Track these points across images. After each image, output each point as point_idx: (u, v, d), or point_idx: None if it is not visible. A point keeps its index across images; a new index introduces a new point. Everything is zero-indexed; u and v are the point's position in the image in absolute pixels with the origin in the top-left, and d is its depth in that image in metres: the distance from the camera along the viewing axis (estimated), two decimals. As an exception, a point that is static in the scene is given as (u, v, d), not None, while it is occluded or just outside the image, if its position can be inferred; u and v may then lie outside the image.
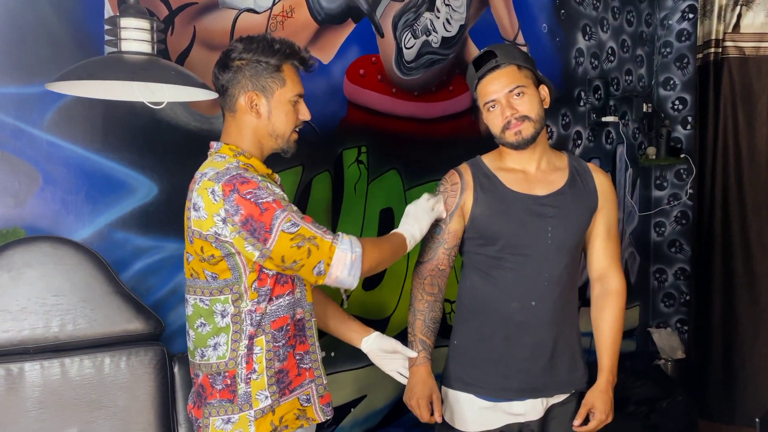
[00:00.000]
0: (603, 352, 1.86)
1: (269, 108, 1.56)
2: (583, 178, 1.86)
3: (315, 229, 1.49)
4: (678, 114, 4.07)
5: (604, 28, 3.64)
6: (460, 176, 1.83)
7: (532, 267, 1.77)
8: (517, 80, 1.74)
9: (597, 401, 1.81)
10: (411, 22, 2.63)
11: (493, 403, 1.80)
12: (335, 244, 1.49)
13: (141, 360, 1.70)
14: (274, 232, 1.43)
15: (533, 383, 1.80)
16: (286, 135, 1.59)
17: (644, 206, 4.11)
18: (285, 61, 1.56)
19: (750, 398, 3.58)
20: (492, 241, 1.79)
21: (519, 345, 1.79)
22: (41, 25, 1.72)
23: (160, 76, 1.50)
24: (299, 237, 1.45)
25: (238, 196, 1.43)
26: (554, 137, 3.35)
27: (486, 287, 1.81)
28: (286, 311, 1.55)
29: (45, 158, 1.74)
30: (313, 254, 1.46)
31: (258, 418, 1.52)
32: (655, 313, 4.23)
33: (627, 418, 2.89)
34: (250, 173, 1.48)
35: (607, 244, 1.88)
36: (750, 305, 3.72)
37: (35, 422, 1.57)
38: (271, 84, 1.55)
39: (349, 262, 1.49)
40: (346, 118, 2.44)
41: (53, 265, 1.64)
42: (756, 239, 3.71)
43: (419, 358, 1.77)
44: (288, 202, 1.50)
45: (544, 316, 1.78)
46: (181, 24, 1.98)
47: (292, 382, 1.57)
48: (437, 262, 1.82)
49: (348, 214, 2.48)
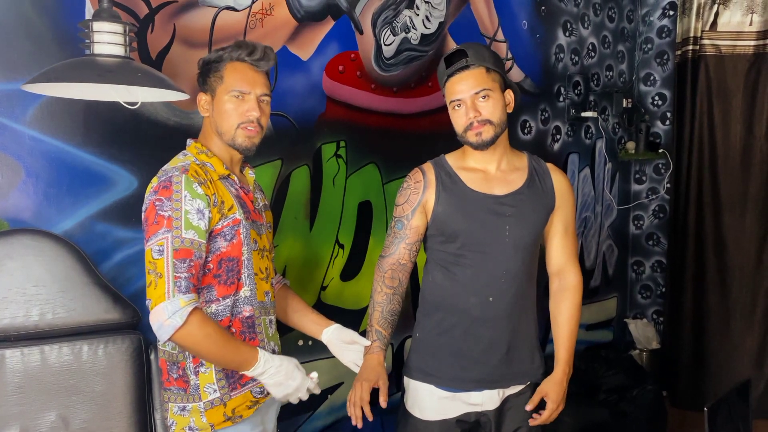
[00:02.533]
0: (560, 344, 1.92)
1: (212, 106, 1.64)
2: (542, 178, 1.91)
3: (170, 270, 1.47)
4: (657, 110, 4.14)
5: (585, 25, 3.69)
6: (423, 174, 1.88)
7: (490, 264, 1.83)
8: (484, 83, 1.78)
9: (551, 391, 1.87)
10: (390, 20, 2.68)
11: (451, 393, 1.87)
12: (167, 297, 1.46)
13: (118, 348, 1.76)
14: (148, 244, 1.50)
15: (490, 375, 1.86)
16: (231, 132, 1.62)
17: (623, 200, 4.19)
18: (228, 60, 1.62)
19: (718, 387, 3.68)
20: (452, 239, 1.84)
21: (477, 338, 1.85)
22: (23, 24, 1.77)
23: (132, 79, 1.56)
24: (153, 265, 1.48)
25: (153, 198, 1.52)
26: (533, 132, 3.41)
27: (446, 283, 1.86)
28: (228, 311, 1.60)
29: (27, 152, 1.80)
30: (151, 288, 1.48)
31: (208, 410, 1.58)
32: (633, 305, 4.32)
33: (597, 406, 2.98)
34: (180, 178, 1.51)
35: (564, 242, 1.94)
36: (721, 297, 3.81)
37: (16, 406, 1.64)
38: (213, 83, 1.63)
39: (161, 322, 1.46)
40: (325, 113, 2.50)
41: (33, 257, 1.70)
42: (728, 233, 3.79)
43: (373, 347, 1.80)
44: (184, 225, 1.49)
45: (502, 310, 1.84)
46: (161, 22, 2.03)
47: (243, 376, 1.62)
48: (398, 257, 1.86)
49: (326, 208, 2.54)
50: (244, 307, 1.63)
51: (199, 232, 1.51)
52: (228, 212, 1.58)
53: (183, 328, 1.46)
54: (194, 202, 1.51)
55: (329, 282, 2.58)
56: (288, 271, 2.43)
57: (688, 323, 3.88)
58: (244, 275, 1.62)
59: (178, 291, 1.47)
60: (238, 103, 1.61)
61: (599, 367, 3.29)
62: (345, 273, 2.64)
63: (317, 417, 2.57)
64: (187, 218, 1.50)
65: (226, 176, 1.63)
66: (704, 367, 3.83)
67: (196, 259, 1.51)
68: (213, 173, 1.60)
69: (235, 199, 1.61)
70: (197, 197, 1.51)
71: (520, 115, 3.33)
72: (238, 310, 1.63)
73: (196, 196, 1.51)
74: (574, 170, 3.73)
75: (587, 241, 3.88)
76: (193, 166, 1.56)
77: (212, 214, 1.54)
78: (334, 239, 2.59)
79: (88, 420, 1.71)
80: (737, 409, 1.93)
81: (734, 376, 3.63)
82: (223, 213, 1.57)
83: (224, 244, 1.58)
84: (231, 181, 1.64)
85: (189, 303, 1.48)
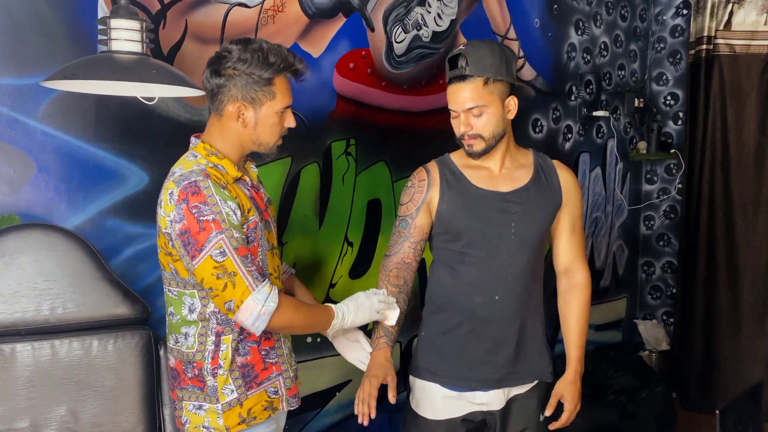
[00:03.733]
0: (570, 344, 1.91)
1: (256, 119, 1.58)
2: (548, 175, 1.90)
3: (241, 266, 1.47)
4: (669, 109, 4.11)
5: (597, 23, 3.67)
6: (427, 173, 1.88)
7: (496, 262, 1.82)
8: (479, 99, 1.75)
9: (566, 392, 1.86)
10: (402, 17, 2.67)
11: (457, 393, 1.86)
12: (251, 289, 1.47)
13: (128, 343, 1.77)
14: (203, 253, 1.46)
15: (496, 374, 1.86)
16: (270, 144, 1.63)
17: (634, 200, 4.17)
18: (278, 75, 1.56)
19: (728, 390, 3.66)
20: (457, 237, 1.83)
21: (483, 337, 1.84)
22: (37, 20, 1.77)
23: (149, 76, 1.56)
24: (222, 268, 1.46)
25: (186, 207, 1.47)
26: (544, 131, 3.40)
27: (452, 281, 1.86)
28: None
29: (39, 148, 1.81)
30: (228, 290, 1.47)
31: (225, 411, 1.58)
32: (642, 305, 4.30)
33: (605, 407, 2.97)
34: (207, 182, 1.49)
35: (572, 239, 1.93)
36: (732, 299, 3.79)
37: (26, 400, 1.65)
38: (261, 97, 1.56)
39: (256, 313, 1.47)
40: (335, 110, 2.49)
41: (45, 252, 1.71)
42: (740, 235, 3.76)
43: (380, 344, 1.79)
44: (230, 225, 1.48)
45: (508, 309, 1.83)
46: (173, 18, 2.03)
47: (259, 375, 1.63)
48: (403, 256, 1.85)
49: (335, 205, 2.54)
50: None
51: (241, 231, 1.51)
52: (248, 215, 1.57)
53: (278, 312, 1.50)
54: (228, 204, 1.50)
55: (338, 280, 2.58)
56: (297, 269, 2.43)
57: (699, 325, 3.85)
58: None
59: (258, 280, 1.49)
60: (282, 117, 1.61)
61: (608, 367, 3.28)
62: (354, 271, 2.64)
63: (325, 414, 2.57)
64: (229, 219, 1.49)
65: (239, 178, 1.61)
66: (714, 369, 3.81)
67: (251, 255, 1.52)
68: (227, 176, 1.57)
69: (251, 201, 1.60)
70: (228, 199, 1.50)
71: (531, 114, 3.32)
72: None
73: (227, 198, 1.50)
74: (585, 170, 3.72)
75: (597, 241, 3.86)
76: (210, 171, 1.53)
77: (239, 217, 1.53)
78: (343, 237, 2.59)
79: (97, 414, 1.72)
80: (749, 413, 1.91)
81: (745, 379, 3.60)
82: (245, 216, 1.56)
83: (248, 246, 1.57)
84: (243, 183, 1.63)
85: (272, 287, 1.51)
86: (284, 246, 2.37)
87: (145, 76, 1.56)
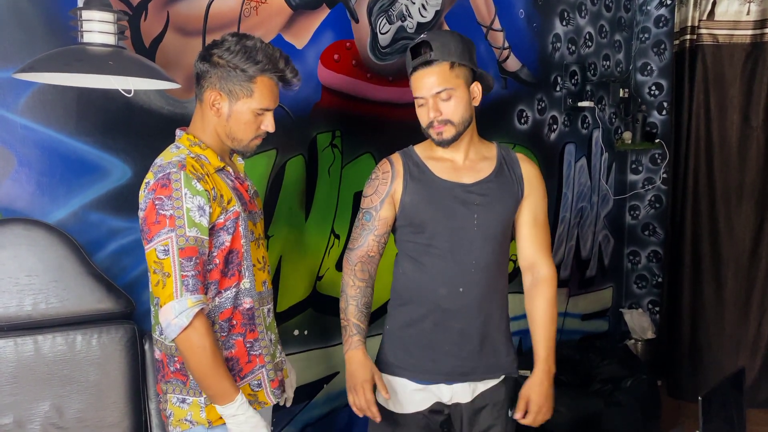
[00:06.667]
0: (537, 342, 1.87)
1: (230, 112, 1.59)
2: (511, 167, 1.89)
3: (177, 269, 1.46)
4: (654, 99, 4.13)
5: (582, 14, 3.67)
6: (391, 165, 1.87)
7: (459, 254, 1.81)
8: (446, 82, 1.74)
9: (532, 394, 1.82)
10: (386, 8, 2.66)
11: (423, 386, 1.85)
12: (175, 296, 1.46)
13: (112, 338, 1.76)
14: (150, 244, 1.48)
15: (461, 367, 1.84)
16: (244, 141, 1.63)
17: (620, 190, 4.19)
18: (261, 74, 1.57)
19: (713, 377, 3.70)
20: (421, 229, 1.82)
21: (447, 330, 1.83)
22: (14, 12, 1.75)
23: (122, 68, 1.54)
24: (160, 265, 1.47)
25: (152, 197, 1.49)
26: (530, 122, 3.40)
27: (416, 274, 1.84)
28: (231, 303, 1.60)
29: (19, 141, 1.79)
30: (159, 287, 1.48)
31: (208, 405, 1.58)
32: (628, 294, 4.33)
33: (591, 396, 2.99)
34: (179, 175, 1.49)
35: (534, 232, 1.91)
36: (716, 287, 3.82)
37: (9, 396, 1.64)
38: (238, 91, 1.57)
39: (169, 320, 1.46)
40: (320, 102, 2.48)
41: (26, 247, 1.70)
42: (724, 224, 3.80)
43: (354, 342, 1.78)
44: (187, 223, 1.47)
45: (472, 302, 1.82)
46: (155, 10, 2.01)
47: (243, 369, 1.63)
48: (367, 249, 1.85)
49: (321, 198, 2.53)
50: (245, 299, 1.63)
51: (202, 229, 1.50)
52: (228, 205, 1.57)
53: (186, 331, 1.46)
54: (195, 199, 1.49)
55: (325, 272, 2.58)
56: (283, 262, 2.42)
57: (684, 313, 3.89)
58: (243, 267, 1.62)
59: (186, 290, 1.47)
60: (260, 118, 1.61)
61: (594, 357, 3.30)
62: (341, 263, 2.63)
63: (313, 406, 2.57)
64: (189, 216, 1.48)
65: (222, 168, 1.61)
66: (699, 357, 3.85)
67: (201, 256, 1.50)
68: (209, 166, 1.57)
69: (233, 192, 1.60)
70: (197, 194, 1.50)
71: (516, 105, 3.32)
72: (239, 302, 1.62)
73: (196, 193, 1.49)
74: (570, 160, 3.73)
75: (583, 232, 3.88)
76: (189, 161, 1.53)
77: (213, 209, 1.53)
78: (330, 229, 2.58)
79: (82, 410, 1.71)
80: (731, 398, 1.93)
81: (729, 366, 3.65)
82: (224, 207, 1.56)
83: (227, 237, 1.57)
84: (227, 173, 1.63)
85: (196, 304, 1.47)
86: (270, 239, 2.36)
87: (118, 68, 1.55)
